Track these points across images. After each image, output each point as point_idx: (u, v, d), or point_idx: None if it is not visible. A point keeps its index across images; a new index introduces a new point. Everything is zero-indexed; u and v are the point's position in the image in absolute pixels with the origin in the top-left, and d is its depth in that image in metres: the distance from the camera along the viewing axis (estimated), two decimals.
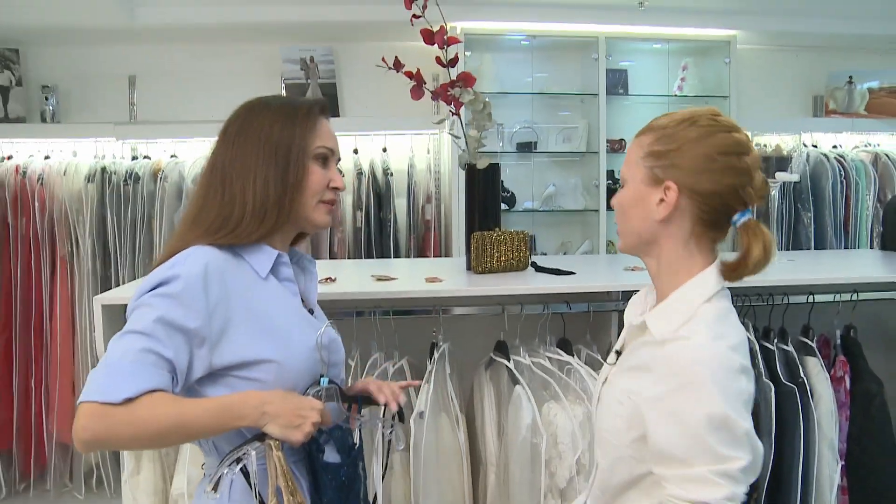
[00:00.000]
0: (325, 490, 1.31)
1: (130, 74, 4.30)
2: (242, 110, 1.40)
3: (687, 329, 1.20)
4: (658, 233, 1.27)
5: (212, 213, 1.32)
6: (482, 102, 2.16)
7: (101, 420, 1.13)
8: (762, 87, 4.58)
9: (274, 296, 1.34)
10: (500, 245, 2.29)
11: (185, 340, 1.21)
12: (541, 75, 4.47)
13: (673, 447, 1.16)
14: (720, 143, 1.24)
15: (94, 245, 3.91)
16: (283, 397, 1.24)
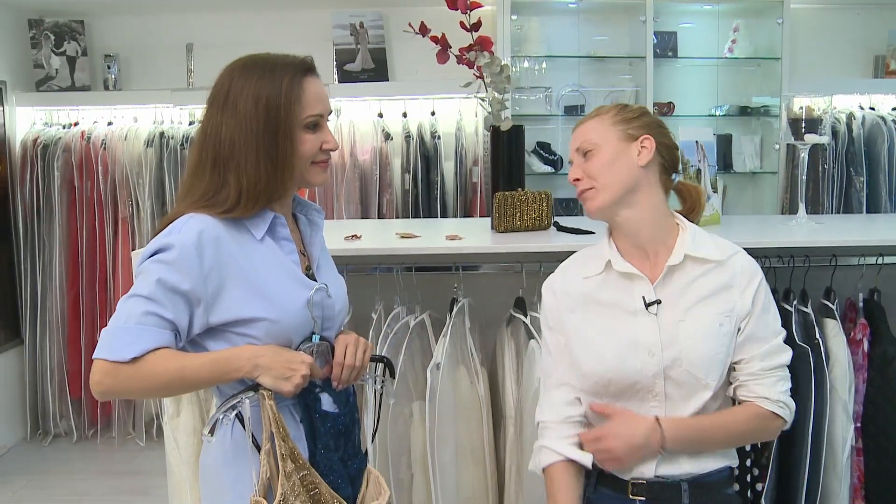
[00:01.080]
0: (320, 436, 1.41)
1: (188, 42, 4.45)
2: (226, 77, 1.40)
3: (726, 248, 1.55)
4: (640, 179, 1.52)
5: (208, 189, 1.37)
6: (499, 66, 2.20)
7: (112, 376, 1.27)
8: (818, 48, 4.44)
9: (268, 257, 1.41)
10: (522, 205, 2.34)
11: (185, 302, 1.31)
12: (589, 38, 4.43)
13: (760, 329, 1.51)
14: (658, 118, 1.62)
15: (154, 206, 4.13)
16: (275, 351, 1.34)
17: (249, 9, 4.39)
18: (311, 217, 1.57)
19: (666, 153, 1.56)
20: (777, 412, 1.50)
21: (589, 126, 1.56)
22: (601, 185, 1.51)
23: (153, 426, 4.19)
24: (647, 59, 4.23)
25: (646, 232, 1.53)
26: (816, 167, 4.13)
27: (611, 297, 1.54)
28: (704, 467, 1.51)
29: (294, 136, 1.38)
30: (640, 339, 1.49)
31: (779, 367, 1.51)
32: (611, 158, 1.51)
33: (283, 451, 1.32)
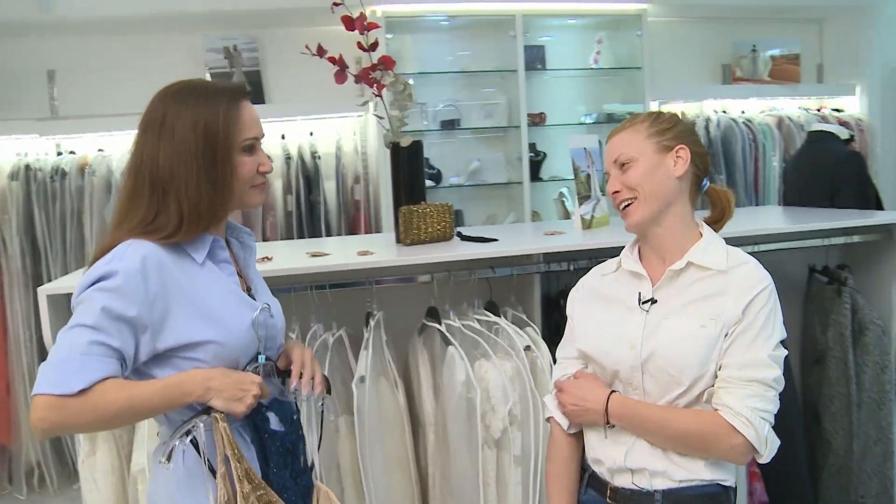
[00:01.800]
0: (271, 455, 1.42)
1: (49, 69, 4.25)
2: (160, 102, 1.40)
3: (737, 258, 1.53)
4: (675, 191, 1.53)
5: (147, 215, 1.36)
6: (402, 84, 2.28)
7: (58, 411, 1.21)
8: (674, 58, 4.81)
9: (211, 280, 1.41)
10: (426, 217, 2.41)
11: (130, 329, 1.28)
12: (461, 54, 4.59)
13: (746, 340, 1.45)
14: (691, 125, 1.66)
15: (23, 243, 3.89)
16: (225, 373, 1.35)
17: (115, 32, 4.25)
18: (242, 240, 1.57)
19: (699, 161, 1.56)
20: (737, 427, 1.40)
21: (624, 138, 1.57)
22: (643, 196, 1.52)
23: (34, 476, 3.94)
24: (519, 72, 4.42)
25: (668, 244, 1.56)
26: None
27: (616, 293, 1.61)
28: (680, 478, 1.49)
29: (233, 159, 1.40)
30: (626, 333, 1.54)
31: (755, 380, 1.41)
32: (648, 171, 1.52)
33: (239, 473, 1.31)
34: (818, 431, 2.70)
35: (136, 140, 1.41)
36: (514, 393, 2.14)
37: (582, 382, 1.60)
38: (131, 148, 1.42)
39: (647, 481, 1.51)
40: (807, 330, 2.81)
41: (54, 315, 1.96)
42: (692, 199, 1.57)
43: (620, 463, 1.53)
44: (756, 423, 1.40)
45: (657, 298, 1.54)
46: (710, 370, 1.46)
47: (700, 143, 1.59)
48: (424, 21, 4.49)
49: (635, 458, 1.52)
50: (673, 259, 1.54)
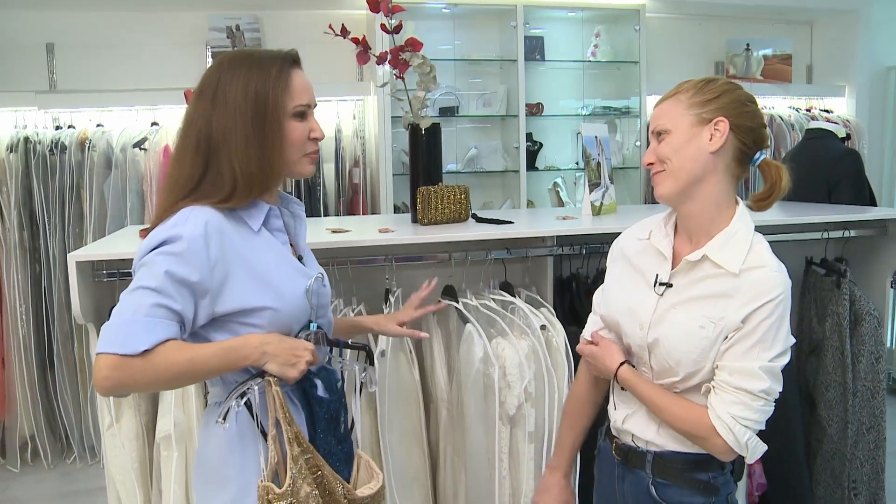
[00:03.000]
0: (318, 421, 1.45)
1: (48, 42, 4.21)
2: (215, 70, 1.43)
3: (754, 259, 1.45)
4: (708, 166, 1.46)
5: (191, 175, 1.40)
6: (429, 66, 2.31)
7: (123, 370, 1.25)
8: (670, 54, 4.89)
9: (267, 247, 1.44)
10: (443, 198, 2.46)
11: (191, 293, 1.32)
12: (461, 42, 4.63)
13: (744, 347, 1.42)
14: (744, 94, 1.52)
15: (21, 216, 3.87)
16: (281, 339, 1.38)
17: (118, 8, 4.22)
18: (292, 210, 1.60)
19: (745, 135, 1.48)
20: (718, 430, 1.43)
21: (665, 107, 1.52)
22: (670, 169, 1.48)
23: (27, 450, 3.93)
24: (518, 62, 4.47)
25: (696, 224, 1.52)
26: None
27: (641, 264, 1.60)
28: (667, 445, 1.56)
29: (283, 124, 1.41)
30: (638, 311, 1.56)
31: (743, 390, 1.42)
32: (681, 143, 1.47)
33: (289, 436, 1.35)
34: (814, 418, 2.78)
35: (190, 105, 1.44)
36: (529, 371, 2.19)
37: (606, 344, 1.65)
38: (184, 115, 1.45)
39: (643, 443, 1.60)
40: (803, 320, 2.90)
41: (82, 281, 1.98)
42: (735, 176, 1.50)
43: (619, 425, 1.64)
44: (736, 430, 1.43)
45: (673, 283, 1.53)
46: (706, 368, 1.47)
47: (752, 114, 1.50)
48: (426, 8, 4.52)
49: (631, 424, 1.62)
50: (699, 241, 1.51)
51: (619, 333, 1.62)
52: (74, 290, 1.95)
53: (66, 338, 3.93)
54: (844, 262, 2.78)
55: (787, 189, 1.52)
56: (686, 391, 1.52)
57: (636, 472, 1.61)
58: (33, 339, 3.87)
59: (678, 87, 1.53)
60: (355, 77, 4.51)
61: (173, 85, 3.45)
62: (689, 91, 1.50)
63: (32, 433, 3.89)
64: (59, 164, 3.90)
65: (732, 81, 1.54)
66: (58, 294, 3.85)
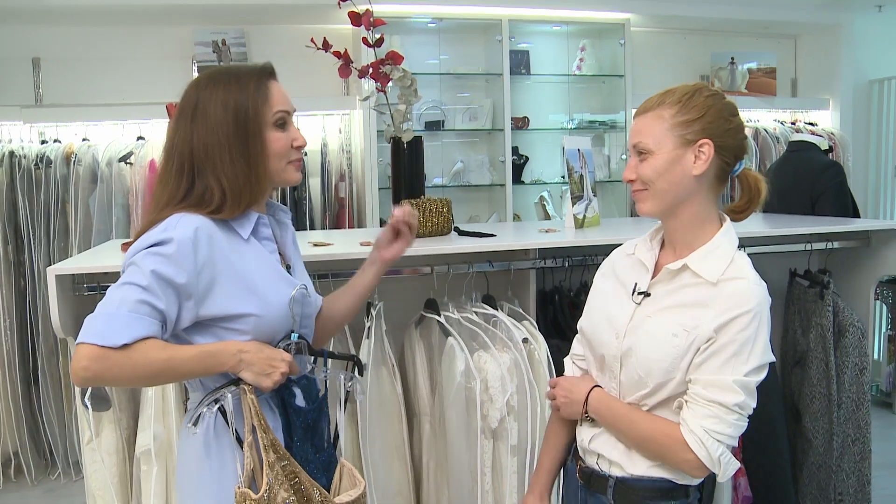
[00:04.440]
0: (295, 429, 1.47)
1: (34, 56, 4.21)
2: (192, 90, 1.45)
3: (734, 271, 1.43)
4: (691, 188, 1.46)
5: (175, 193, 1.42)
6: (410, 79, 2.32)
7: (101, 361, 1.26)
8: (655, 67, 4.92)
9: (255, 255, 1.46)
10: (425, 211, 2.45)
11: (176, 295, 1.34)
12: (447, 57, 4.65)
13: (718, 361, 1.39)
14: (728, 107, 1.49)
15: (6, 230, 3.86)
16: (259, 348, 1.40)
17: (104, 23, 4.23)
18: (279, 217, 1.61)
19: (728, 153, 1.47)
20: (690, 444, 1.41)
21: (647, 124, 1.48)
22: (653, 192, 1.47)
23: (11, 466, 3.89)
24: (504, 76, 4.49)
25: (680, 237, 1.51)
26: None
27: (625, 276, 1.59)
28: (631, 469, 1.52)
29: (264, 135, 1.44)
30: (615, 320, 1.54)
31: (717, 403, 1.39)
32: (664, 167, 1.45)
33: (264, 443, 1.37)
34: (799, 430, 2.78)
35: (170, 127, 1.48)
36: (511, 384, 2.19)
37: (572, 377, 1.66)
38: (165, 135, 1.48)
39: (606, 466, 1.56)
40: (787, 332, 2.90)
41: (62, 295, 1.96)
42: (716, 191, 1.50)
43: (585, 445, 1.61)
44: (708, 444, 1.39)
45: (651, 293, 1.52)
46: (676, 379, 1.44)
47: (735, 130, 1.48)
48: (411, 22, 4.55)
49: (598, 443, 1.58)
50: (682, 253, 1.50)
51: (595, 343, 1.61)
52: (54, 303, 1.94)
53: (51, 352, 3.91)
54: (828, 273, 2.79)
55: (764, 200, 1.53)
56: (655, 408, 1.50)
57: (598, 496, 1.57)
58: (17, 354, 3.85)
59: (660, 97, 1.49)
60: (341, 91, 4.51)
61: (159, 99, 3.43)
62: (671, 107, 1.46)
63: (16, 449, 3.86)
64: (44, 178, 3.89)
65: (715, 91, 1.51)
66: (42, 309, 3.83)
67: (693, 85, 1.51)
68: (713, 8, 4.70)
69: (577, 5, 4.52)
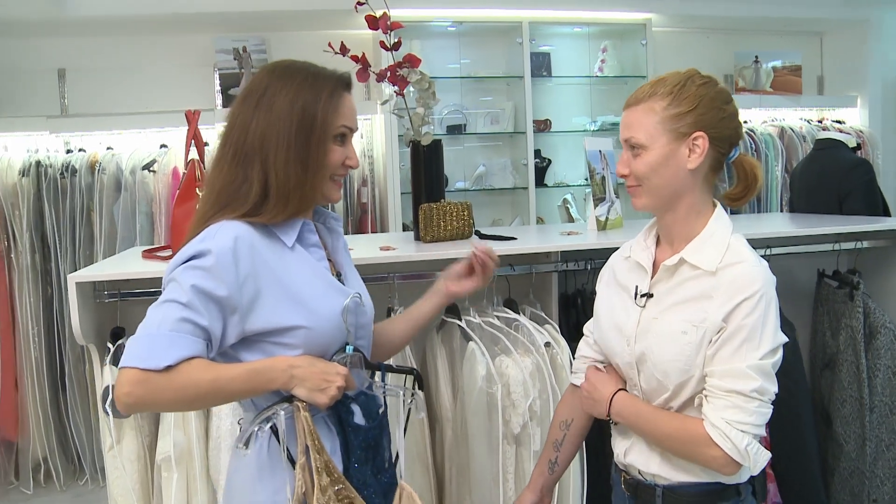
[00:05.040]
0: (353, 449, 1.37)
1: (60, 67, 4.26)
2: (266, 76, 1.38)
3: (731, 257, 1.40)
4: (687, 182, 1.42)
5: (227, 182, 1.35)
6: (427, 82, 2.31)
7: (144, 385, 1.19)
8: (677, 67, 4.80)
9: (301, 264, 1.38)
10: (445, 215, 2.44)
11: (219, 309, 1.26)
12: (467, 60, 4.64)
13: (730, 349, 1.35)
14: (721, 95, 1.45)
15: (33, 239, 3.90)
16: (311, 362, 1.31)
17: (126, 33, 4.27)
18: (329, 225, 1.54)
19: (722, 143, 1.43)
20: (714, 438, 1.34)
21: (638, 117, 1.43)
22: (647, 188, 1.44)
23: (40, 472, 3.94)
24: (525, 78, 4.47)
25: (676, 231, 1.47)
26: None
27: (625, 280, 1.56)
28: (675, 476, 1.47)
29: (326, 144, 1.37)
30: (624, 327, 1.51)
31: (735, 392, 1.33)
32: (659, 162, 1.41)
33: (318, 465, 1.28)
34: (829, 434, 2.73)
35: (232, 109, 1.39)
36: (534, 389, 2.16)
37: (601, 374, 1.60)
38: (227, 119, 1.40)
39: (650, 476, 1.51)
40: (816, 334, 2.85)
41: (82, 302, 1.97)
42: (711, 182, 1.46)
43: (622, 459, 1.56)
44: (732, 435, 1.33)
45: (654, 293, 1.48)
46: (696, 375, 1.40)
47: (729, 119, 1.44)
48: (431, 26, 4.54)
49: (634, 456, 1.53)
50: (679, 247, 1.46)
51: (609, 354, 1.58)
52: (74, 310, 1.96)
53: (78, 359, 3.94)
54: (857, 273, 2.73)
55: (761, 186, 1.50)
56: (681, 409, 1.46)
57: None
58: (45, 362, 3.88)
59: (651, 87, 1.44)
60: (362, 96, 4.51)
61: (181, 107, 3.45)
62: (663, 99, 1.42)
63: (45, 455, 3.88)
64: (69, 187, 3.93)
65: (708, 78, 1.46)
66: (69, 316, 3.85)
67: (684, 72, 1.46)
68: (736, 6, 4.63)
69: (597, 6, 4.48)
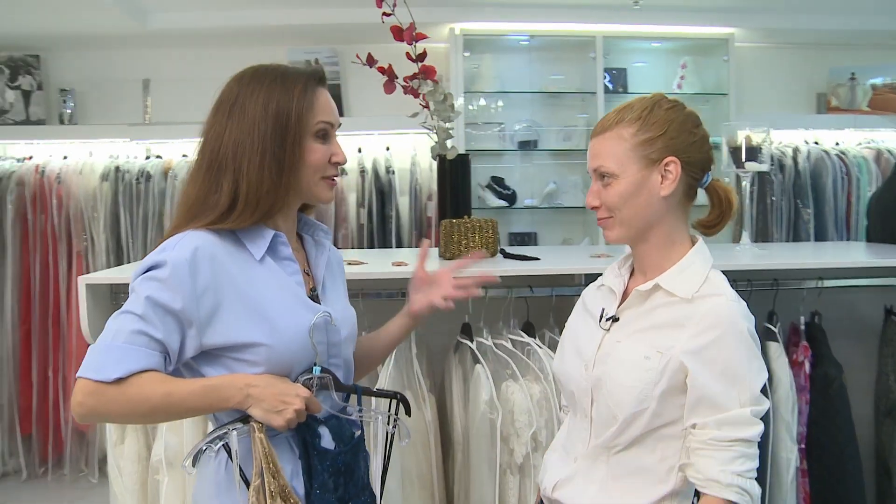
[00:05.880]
0: (316, 475, 1.31)
1: (144, 78, 4.47)
2: (234, 84, 1.36)
3: (710, 288, 1.33)
4: (660, 210, 1.37)
5: (200, 194, 1.31)
6: (443, 94, 2.25)
7: (95, 396, 1.18)
8: (762, 85, 4.61)
9: (268, 278, 1.33)
10: (468, 232, 2.38)
11: (176, 322, 1.23)
12: (540, 75, 4.55)
13: (717, 394, 1.27)
14: (690, 118, 1.40)
15: (109, 241, 4.10)
16: (270, 382, 1.26)
17: (205, 45, 4.43)
18: (317, 237, 1.50)
19: (694, 168, 1.38)
20: (733, 499, 1.26)
21: (606, 145, 1.38)
22: (619, 219, 1.38)
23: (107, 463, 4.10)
24: (598, 94, 4.34)
25: (650, 261, 1.41)
26: (764, 199, 4.25)
27: (593, 306, 1.49)
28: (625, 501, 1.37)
29: (303, 143, 1.33)
30: (584, 350, 1.44)
31: (738, 441, 1.26)
32: (630, 191, 1.35)
33: (272, 489, 1.24)
34: (890, 489, 2.48)
35: (206, 121, 1.38)
36: (539, 418, 2.07)
37: None
38: (200, 131, 1.38)
39: None
40: (880, 377, 2.60)
41: (93, 304, 2.03)
42: (685, 208, 1.41)
43: (549, 493, 1.47)
44: (748, 486, 1.27)
45: (619, 317, 1.41)
46: (649, 409, 1.31)
47: (700, 142, 1.38)
48: (504, 40, 4.50)
49: (565, 493, 1.44)
50: (653, 276, 1.39)
51: (565, 380, 1.49)
52: (84, 311, 2.01)
53: None
54: None
55: (736, 212, 1.42)
56: (627, 448, 1.35)
57: None
58: None
59: (618, 114, 1.39)
60: None
61: None
62: (631, 125, 1.36)
63: None
64: (144, 192, 4.11)
65: (675, 102, 1.40)
66: None
67: (651, 97, 1.40)
68: (830, 19, 4.33)
69: (676, 21, 4.30)
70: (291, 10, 4.14)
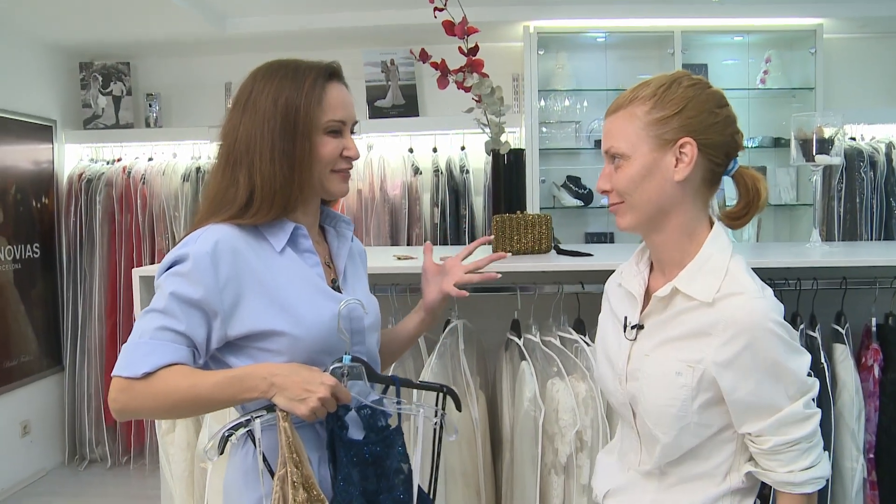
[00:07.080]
0: (341, 465, 1.31)
1: (226, 82, 4.62)
2: (251, 79, 1.38)
3: (731, 286, 1.24)
4: (675, 196, 1.27)
5: (219, 188, 1.35)
6: (489, 87, 2.22)
7: (126, 393, 1.23)
8: (853, 78, 4.36)
9: (289, 269, 1.35)
10: (521, 228, 2.34)
11: (201, 314, 1.26)
12: (617, 72, 4.45)
13: (763, 397, 1.22)
14: (713, 97, 1.29)
15: None
16: (293, 370, 1.26)
17: (283, 49, 4.47)
18: (339, 229, 1.52)
19: (716, 152, 1.27)
20: (809, 492, 1.25)
21: (619, 125, 1.29)
22: (630, 205, 1.29)
23: None
24: None
25: (667, 255, 1.32)
26: (854, 198, 4.03)
27: (618, 308, 1.42)
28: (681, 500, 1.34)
29: (312, 138, 1.34)
30: (614, 360, 1.37)
31: (801, 439, 1.23)
32: (641, 174, 1.26)
33: (294, 479, 1.24)
34: None
35: (225, 117, 1.40)
36: (585, 417, 2.01)
37: None
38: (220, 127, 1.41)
39: None
40: None
41: (147, 296, 2.10)
42: (705, 199, 1.30)
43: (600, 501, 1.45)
44: (819, 473, 1.25)
45: (645, 325, 1.33)
46: (693, 422, 1.26)
47: (722, 124, 1.27)
48: (578, 38, 4.42)
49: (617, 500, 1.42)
50: (672, 273, 1.30)
51: (605, 391, 1.43)
52: (138, 303, 2.08)
53: None
54: None
55: (765, 202, 1.32)
56: (681, 461, 1.30)
57: None
58: None
59: (633, 92, 1.30)
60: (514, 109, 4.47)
61: None
62: (644, 103, 1.27)
63: None
64: None
65: (698, 79, 1.29)
66: None
67: (671, 74, 1.30)
68: None
69: (759, 13, 4.12)
70: (366, 13, 4.19)
